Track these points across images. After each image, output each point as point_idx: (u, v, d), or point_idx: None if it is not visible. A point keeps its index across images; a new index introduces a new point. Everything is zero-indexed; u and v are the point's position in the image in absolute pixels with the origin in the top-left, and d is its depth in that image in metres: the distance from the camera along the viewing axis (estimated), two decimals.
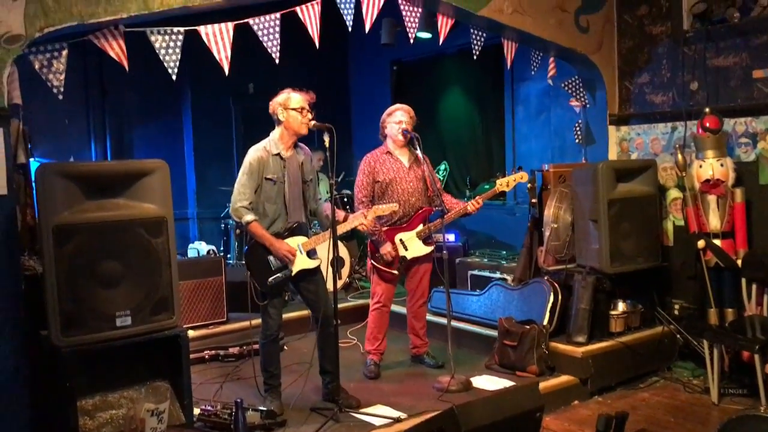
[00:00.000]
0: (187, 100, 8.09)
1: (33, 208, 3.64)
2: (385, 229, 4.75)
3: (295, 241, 4.13)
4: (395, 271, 4.78)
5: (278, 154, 4.13)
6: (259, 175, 4.07)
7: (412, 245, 4.77)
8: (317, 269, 4.24)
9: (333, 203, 4.03)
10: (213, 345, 5.32)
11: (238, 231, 4.12)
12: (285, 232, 4.13)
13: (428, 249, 4.83)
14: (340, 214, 4.33)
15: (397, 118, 4.74)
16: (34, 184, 3.30)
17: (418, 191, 4.79)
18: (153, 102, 7.83)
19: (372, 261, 4.81)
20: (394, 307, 5.16)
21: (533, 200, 5.55)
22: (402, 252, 4.75)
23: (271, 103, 4.17)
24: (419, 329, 5.04)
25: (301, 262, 4.14)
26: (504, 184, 4.79)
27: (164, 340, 3.30)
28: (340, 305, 4.25)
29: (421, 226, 4.78)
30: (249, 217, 4.03)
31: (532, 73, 5.85)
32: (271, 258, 4.08)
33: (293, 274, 4.13)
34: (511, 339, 4.77)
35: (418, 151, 4.71)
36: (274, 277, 4.07)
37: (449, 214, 4.71)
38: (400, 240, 4.75)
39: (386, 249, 4.69)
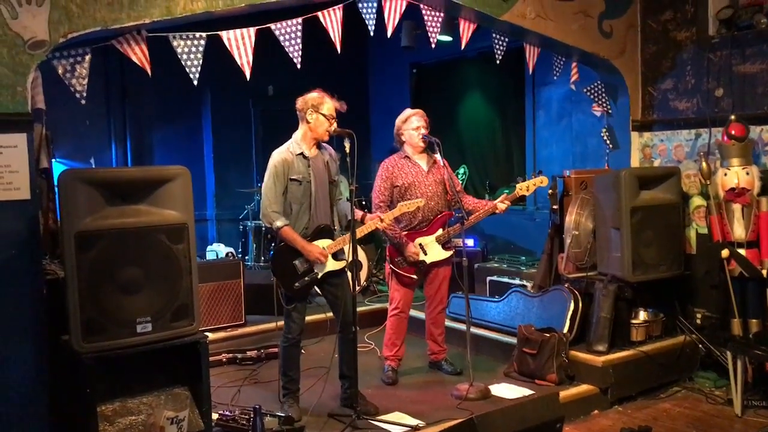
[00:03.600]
0: (206, 103, 8.13)
1: (55, 213, 3.67)
2: (404, 233, 4.74)
3: (321, 244, 4.13)
4: (414, 276, 4.76)
5: (302, 154, 4.11)
6: (284, 177, 4.06)
7: (432, 250, 4.75)
8: (342, 271, 4.23)
9: (353, 208, 4.00)
10: (231, 348, 5.33)
11: (269, 236, 4.14)
12: (310, 233, 4.12)
13: (447, 253, 4.81)
14: (357, 213, 4.32)
15: (414, 125, 4.72)
16: (56, 188, 3.32)
17: (437, 195, 4.77)
18: (173, 104, 7.87)
19: (391, 265, 4.80)
20: (413, 312, 5.15)
21: (554, 206, 5.51)
22: (421, 256, 4.73)
23: (302, 99, 4.14)
24: (437, 336, 5.02)
25: (328, 265, 4.15)
26: (524, 188, 4.76)
27: (184, 347, 3.30)
28: (357, 309, 4.25)
29: (440, 231, 4.76)
30: (280, 222, 4.03)
31: (554, 77, 5.81)
32: (296, 262, 4.08)
33: (320, 276, 4.13)
34: (530, 347, 4.74)
35: (438, 156, 4.68)
36: (301, 280, 4.08)
37: (474, 215, 4.68)
38: (420, 244, 4.73)
39: (411, 249, 4.68)
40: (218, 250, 7.02)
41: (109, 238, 3.11)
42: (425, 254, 4.75)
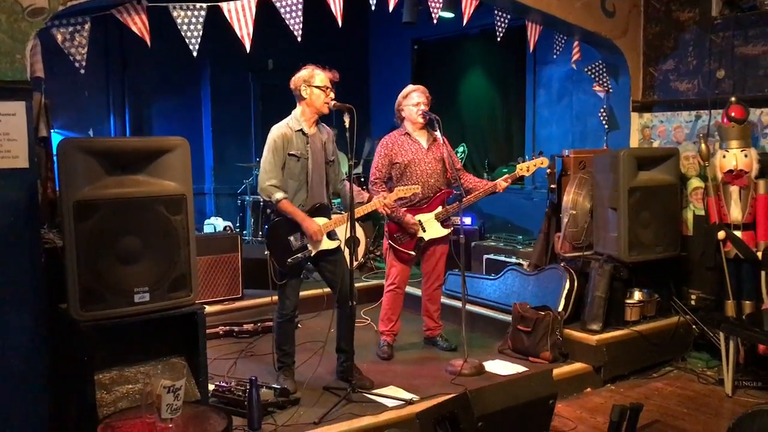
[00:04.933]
0: (206, 76, 8.11)
1: (54, 182, 3.68)
2: (403, 210, 4.76)
3: (317, 222, 4.14)
4: (412, 252, 4.78)
5: (301, 130, 4.12)
6: (283, 151, 4.07)
7: (430, 227, 4.77)
8: (338, 249, 4.25)
9: (351, 184, 4.01)
10: (228, 321, 5.37)
11: (267, 211, 4.15)
12: (307, 211, 4.13)
13: (446, 231, 4.83)
14: (364, 195, 4.35)
15: (414, 100, 4.72)
16: (55, 157, 3.33)
17: (436, 173, 4.78)
18: (172, 76, 7.85)
19: (390, 241, 4.82)
20: (409, 289, 5.19)
21: (552, 186, 5.53)
22: (420, 233, 4.75)
23: (293, 78, 4.15)
24: (433, 312, 5.05)
25: (322, 243, 4.16)
26: (524, 168, 4.76)
27: (181, 317, 3.32)
28: (355, 284, 4.26)
29: (440, 208, 4.78)
30: (279, 194, 4.04)
31: (555, 56, 5.80)
32: (291, 238, 4.10)
33: (313, 254, 4.15)
34: (525, 324, 4.78)
35: (438, 133, 4.69)
36: (294, 257, 4.09)
37: (473, 194, 4.70)
38: (419, 221, 4.75)
39: (409, 221, 4.70)
40: (216, 223, 7.05)
41: (108, 207, 3.11)
42: (424, 231, 4.77)
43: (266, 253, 4.13)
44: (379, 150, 4.80)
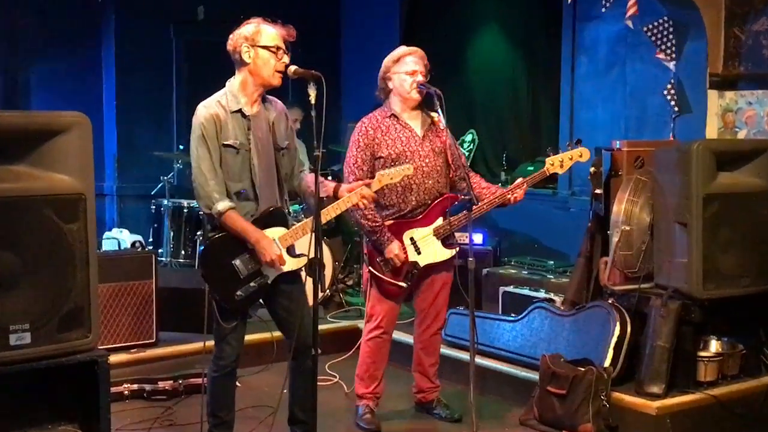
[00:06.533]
0: (109, 27, 8.12)
1: None
2: (388, 222, 4.76)
3: (271, 234, 4.15)
4: (402, 283, 4.79)
5: (239, 111, 4.14)
6: (216, 140, 4.09)
7: (427, 247, 4.80)
8: (296, 274, 4.28)
9: (317, 180, 3.97)
10: (137, 377, 5.36)
11: (209, 227, 4.14)
12: (257, 221, 4.15)
13: (449, 253, 4.86)
14: (328, 185, 4.33)
15: (408, 67, 4.74)
16: None
17: (436, 171, 4.81)
18: (61, 27, 7.85)
19: (370, 268, 4.82)
20: (397, 334, 5.20)
21: (597, 190, 5.58)
22: (413, 256, 4.77)
23: (231, 37, 4.17)
24: (429, 367, 5.07)
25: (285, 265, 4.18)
26: (557, 164, 4.81)
27: (76, 368, 3.31)
28: (319, 327, 4.27)
29: (440, 220, 4.81)
30: (222, 204, 4.04)
31: (603, 10, 5.88)
32: (237, 262, 4.10)
33: (270, 281, 4.16)
34: (558, 385, 4.82)
35: (439, 116, 4.71)
36: (245, 287, 4.10)
37: (479, 205, 4.72)
38: (411, 239, 4.77)
39: (393, 250, 4.69)
40: (120, 238, 7.04)
41: None
42: (418, 253, 4.78)
43: (204, 286, 4.13)
44: (356, 138, 4.79)
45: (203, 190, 4.07)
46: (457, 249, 4.91)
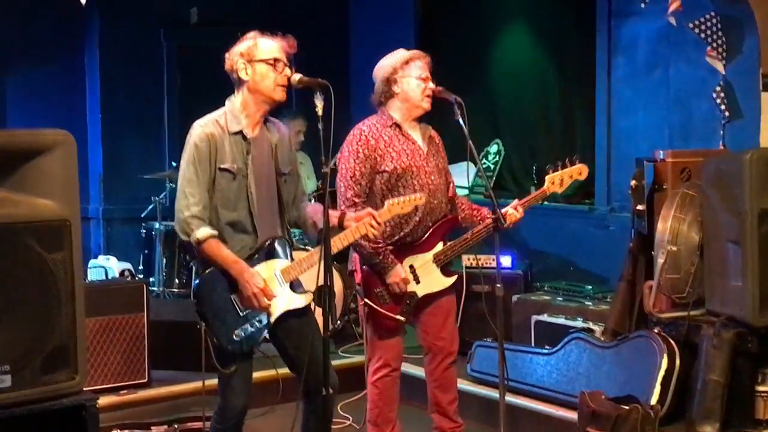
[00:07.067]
0: (92, 32, 8.17)
1: None
2: (389, 248, 4.73)
3: (271, 268, 4.18)
4: (400, 317, 4.77)
5: (239, 133, 4.18)
6: (211, 162, 4.11)
7: (427, 275, 4.80)
8: (305, 309, 4.29)
9: (327, 204, 4.01)
10: (127, 421, 5.37)
11: (188, 257, 4.16)
12: (255, 254, 4.18)
13: (448, 281, 4.87)
14: (332, 214, 4.33)
15: (422, 72, 4.74)
16: None
17: (440, 190, 4.83)
18: (38, 34, 7.89)
19: (366, 299, 4.79)
20: (405, 367, 5.21)
21: (639, 206, 5.59)
22: (411, 286, 4.76)
23: (227, 56, 4.23)
24: (447, 405, 5.03)
25: (284, 301, 4.19)
26: (556, 182, 4.89)
27: (62, 413, 3.31)
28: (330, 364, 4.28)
29: (440, 245, 4.82)
30: (201, 231, 4.05)
31: (642, 5, 5.89)
32: (235, 296, 4.10)
33: (273, 319, 4.17)
34: (599, 426, 4.80)
35: (462, 123, 4.72)
36: (244, 326, 4.11)
37: (475, 231, 4.77)
38: (411, 267, 4.77)
39: (398, 275, 4.68)
40: (107, 266, 7.07)
41: None
42: (417, 282, 4.78)
43: (200, 325, 4.14)
44: (354, 148, 4.72)
45: (182, 214, 4.08)
46: (457, 276, 4.94)
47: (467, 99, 4.71)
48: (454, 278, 4.89)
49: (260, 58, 4.15)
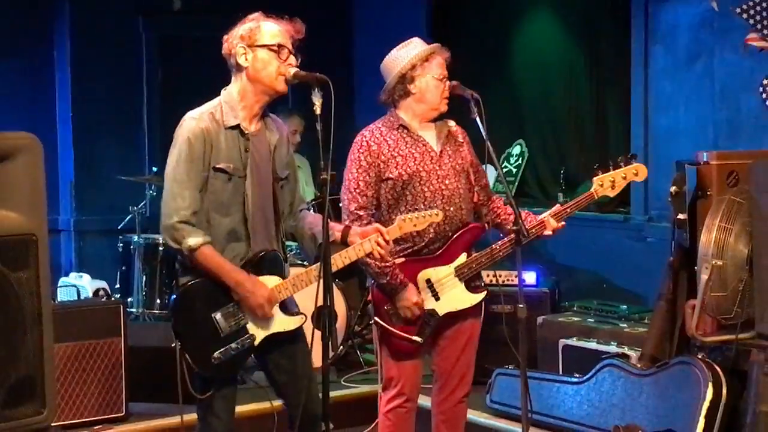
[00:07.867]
0: (62, 21, 8.19)
1: None
2: (399, 260, 4.74)
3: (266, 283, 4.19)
4: (417, 338, 4.76)
5: (237, 127, 4.19)
6: (204, 160, 4.12)
7: (448, 291, 4.79)
8: (298, 332, 4.30)
9: (326, 215, 4.04)
10: None
11: (180, 269, 4.15)
12: (248, 267, 4.19)
13: (475, 298, 4.85)
14: (335, 228, 4.34)
15: (442, 71, 4.75)
16: None
17: (458, 194, 4.80)
18: (2, 22, 7.93)
19: (377, 318, 4.80)
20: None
21: (680, 215, 5.58)
22: (429, 303, 4.76)
23: (225, 38, 4.24)
24: None
25: (274, 322, 4.20)
26: (607, 184, 4.84)
27: None
28: (331, 394, 4.26)
29: (463, 257, 4.80)
30: (194, 238, 4.05)
31: None
32: (218, 316, 4.10)
33: (257, 343, 4.18)
34: None
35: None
36: (225, 349, 4.12)
37: (503, 243, 4.75)
38: (428, 281, 4.77)
39: (409, 299, 4.65)
40: (80, 284, 7.08)
41: None
42: (436, 299, 4.77)
43: (175, 344, 4.15)
44: (356, 156, 4.75)
45: (170, 219, 4.08)
46: (486, 293, 4.90)
47: (486, 94, 4.72)
48: (482, 295, 4.84)
49: (262, 43, 4.16)
